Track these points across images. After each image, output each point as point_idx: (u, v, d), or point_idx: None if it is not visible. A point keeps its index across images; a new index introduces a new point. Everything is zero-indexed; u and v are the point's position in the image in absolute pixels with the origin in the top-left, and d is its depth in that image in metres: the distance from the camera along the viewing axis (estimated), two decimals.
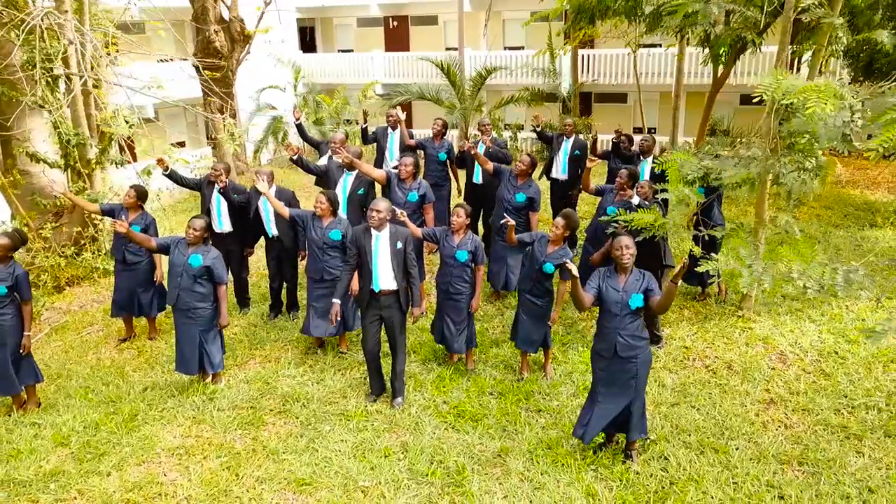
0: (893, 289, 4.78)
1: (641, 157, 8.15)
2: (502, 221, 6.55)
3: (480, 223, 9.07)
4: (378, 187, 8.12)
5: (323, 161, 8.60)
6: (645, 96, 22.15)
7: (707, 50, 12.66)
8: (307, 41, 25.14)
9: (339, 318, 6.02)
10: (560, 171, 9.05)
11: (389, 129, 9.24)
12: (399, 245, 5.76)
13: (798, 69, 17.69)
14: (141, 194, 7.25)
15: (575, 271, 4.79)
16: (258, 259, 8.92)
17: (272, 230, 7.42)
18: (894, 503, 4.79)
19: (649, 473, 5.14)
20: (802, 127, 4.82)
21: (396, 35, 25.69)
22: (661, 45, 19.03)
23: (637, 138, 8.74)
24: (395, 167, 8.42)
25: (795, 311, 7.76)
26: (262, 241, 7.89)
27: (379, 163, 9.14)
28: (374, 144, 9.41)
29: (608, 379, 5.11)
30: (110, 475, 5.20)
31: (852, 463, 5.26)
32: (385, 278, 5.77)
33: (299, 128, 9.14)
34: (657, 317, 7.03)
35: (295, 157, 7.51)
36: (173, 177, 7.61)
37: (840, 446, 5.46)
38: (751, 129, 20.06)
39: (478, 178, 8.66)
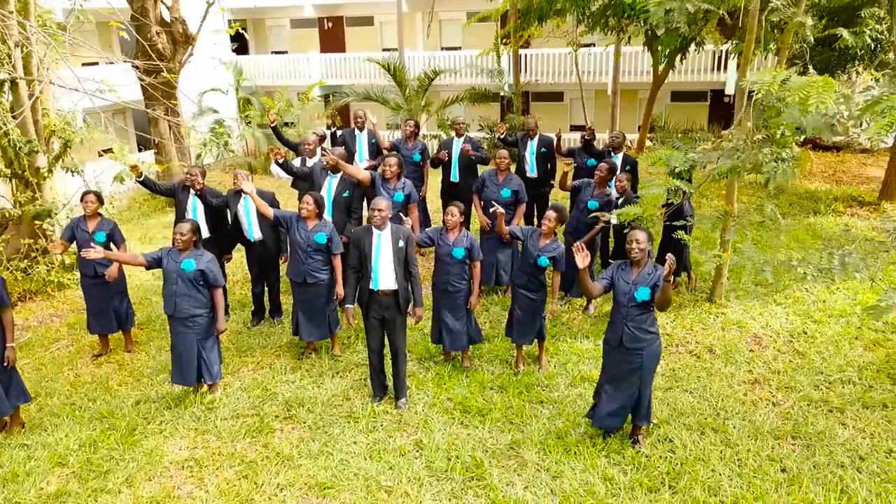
0: (883, 268, 5.17)
1: (612, 153, 8.41)
2: (491, 209, 6.69)
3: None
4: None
5: (297, 163, 8.50)
6: (583, 94, 22.75)
7: (659, 48, 13.11)
8: (239, 43, 24.65)
9: (336, 321, 5.99)
10: (529, 169, 9.23)
11: (357, 131, 9.22)
12: (401, 244, 5.79)
13: (730, 66, 18.56)
14: (101, 199, 7.03)
15: (581, 262, 4.96)
16: (233, 264, 8.72)
17: (254, 234, 7.30)
18: (884, 469, 5.15)
19: (658, 456, 5.36)
20: (792, 119, 5.12)
21: (332, 36, 25.48)
22: (594, 45, 19.53)
23: (601, 135, 9.01)
24: (370, 167, 8.43)
25: (762, 296, 8.20)
26: (237, 246, 7.77)
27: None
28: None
29: (613, 367, 5.31)
30: (121, 492, 5.04)
31: (840, 434, 5.62)
32: (385, 278, 5.79)
33: (275, 130, 9.01)
34: None
35: (281, 161, 7.43)
36: (146, 183, 7.39)
37: (826, 419, 5.83)
38: (686, 123, 21.02)
39: (455, 177, 8.75)
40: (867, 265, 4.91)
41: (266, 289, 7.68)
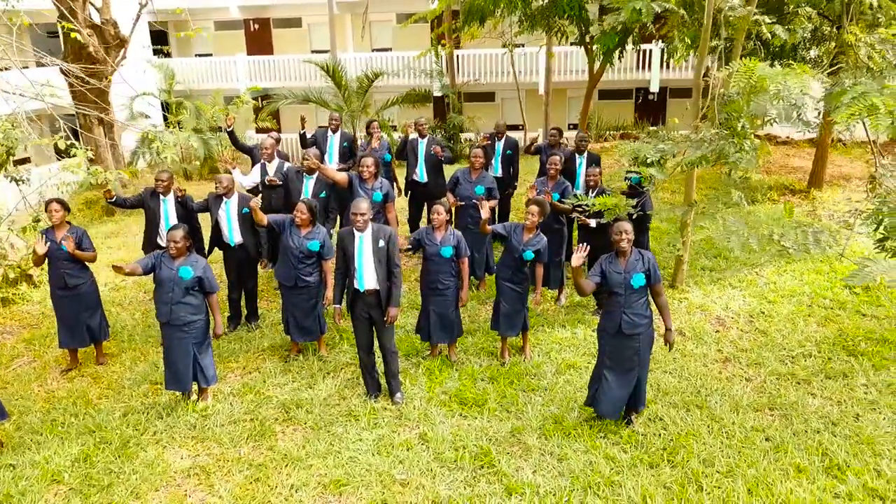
0: (849, 246, 5.62)
1: (577, 154, 8.69)
2: (474, 200, 6.85)
3: (424, 221, 9.25)
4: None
5: (256, 169, 8.39)
6: (512, 94, 23.22)
7: (596, 47, 13.58)
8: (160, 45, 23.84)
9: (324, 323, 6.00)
10: (494, 170, 9.41)
11: (330, 133, 9.20)
12: (381, 243, 5.85)
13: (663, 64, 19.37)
14: (67, 206, 6.80)
15: (576, 262, 5.20)
16: None
17: (234, 238, 7.20)
18: (855, 432, 5.61)
19: (653, 434, 5.65)
20: (762, 109, 5.50)
21: (258, 38, 25.02)
22: (524, 45, 19.96)
23: (570, 135, 9.31)
24: (344, 168, 8.44)
25: (717, 281, 8.69)
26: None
27: None
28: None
29: (614, 355, 5.55)
30: None
31: (811, 404, 6.07)
32: (369, 278, 5.86)
33: (231, 135, 8.88)
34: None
35: (233, 169, 7.42)
36: (116, 202, 7.26)
37: (796, 391, 6.28)
38: (615, 120, 21.80)
39: (422, 177, 8.84)
40: (837, 241, 5.34)
41: (244, 293, 7.56)
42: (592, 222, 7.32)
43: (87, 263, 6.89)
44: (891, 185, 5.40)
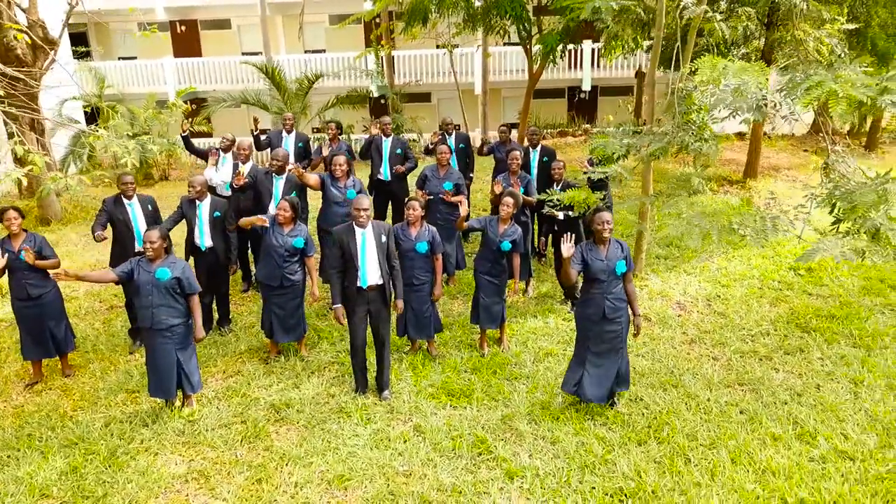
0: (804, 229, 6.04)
1: (531, 149, 8.93)
2: (441, 195, 6.97)
3: (390, 219, 9.31)
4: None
5: (210, 171, 8.27)
6: (448, 94, 23.48)
7: (540, 46, 13.93)
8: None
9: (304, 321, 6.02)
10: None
11: (284, 133, 9.13)
12: (384, 238, 5.93)
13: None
14: (22, 213, 6.55)
15: (567, 252, 5.40)
16: None
17: (206, 242, 7.09)
18: (818, 401, 6.03)
19: (636, 413, 5.91)
20: (726, 102, 5.85)
21: (185, 40, 24.38)
22: (458, 46, 20.21)
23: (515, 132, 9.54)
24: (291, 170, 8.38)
25: (672, 269, 9.11)
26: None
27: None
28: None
29: (598, 339, 5.76)
30: None
31: (775, 378, 6.48)
32: (372, 274, 5.91)
33: (186, 140, 8.74)
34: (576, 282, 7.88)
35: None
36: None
37: (760, 367, 6.68)
38: (551, 118, 22.34)
39: (386, 175, 8.90)
40: (794, 226, 5.74)
41: (215, 298, 7.44)
42: (560, 214, 7.57)
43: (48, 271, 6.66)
44: (843, 171, 5.83)
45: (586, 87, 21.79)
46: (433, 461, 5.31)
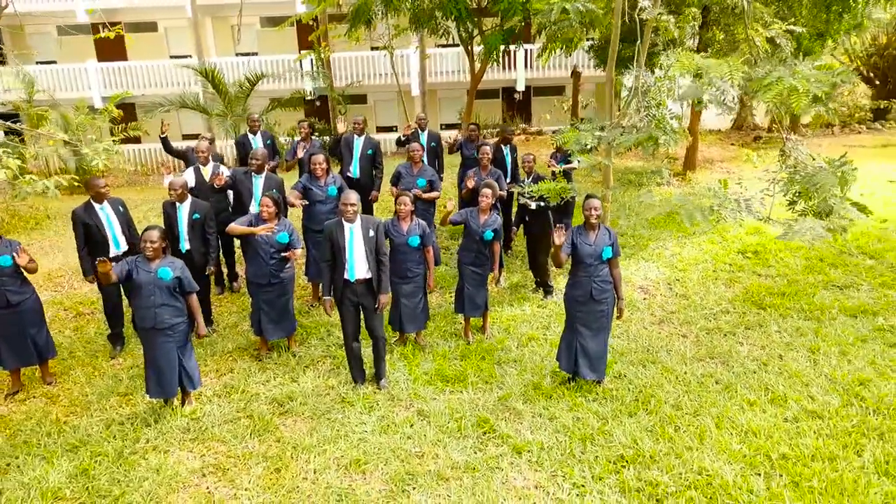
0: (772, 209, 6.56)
1: (503, 146, 9.27)
2: (415, 192, 7.33)
3: None
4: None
5: (189, 172, 8.24)
6: (385, 96, 23.67)
7: (485, 45, 14.30)
8: None
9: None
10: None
11: (251, 135, 9.15)
12: (371, 233, 6.11)
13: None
14: None
15: (559, 240, 5.74)
16: None
17: (184, 245, 7.08)
18: (782, 370, 6.58)
19: (622, 388, 6.31)
20: (695, 94, 6.32)
21: (110, 43, 23.57)
22: (394, 48, 20.38)
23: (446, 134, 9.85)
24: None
25: (631, 256, 9.63)
26: None
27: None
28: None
29: (586, 319, 6.14)
30: None
31: (741, 350, 7.02)
32: (360, 268, 6.09)
33: (164, 142, 8.66)
34: (547, 270, 8.27)
35: (168, 174, 7.37)
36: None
37: (726, 341, 7.21)
38: (488, 118, 22.81)
39: (355, 173, 9.03)
40: (764, 206, 6.27)
41: None
42: (533, 204, 7.91)
43: (27, 277, 6.54)
44: (799, 157, 6.40)
45: (520, 87, 22.41)
46: (442, 442, 5.54)
